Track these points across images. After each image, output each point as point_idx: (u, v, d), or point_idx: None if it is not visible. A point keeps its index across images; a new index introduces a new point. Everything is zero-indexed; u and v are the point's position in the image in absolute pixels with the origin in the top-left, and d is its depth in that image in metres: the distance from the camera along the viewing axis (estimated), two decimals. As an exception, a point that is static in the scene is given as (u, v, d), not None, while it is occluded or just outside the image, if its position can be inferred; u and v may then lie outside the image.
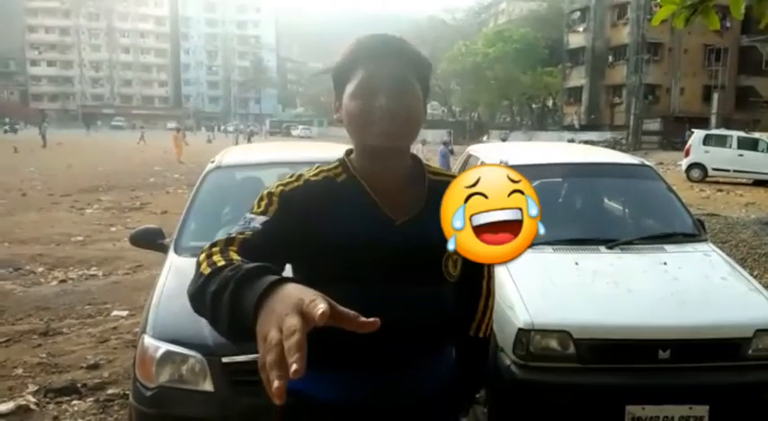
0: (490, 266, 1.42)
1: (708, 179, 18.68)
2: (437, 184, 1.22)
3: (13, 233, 8.75)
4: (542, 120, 54.22)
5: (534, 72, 45.45)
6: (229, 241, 1.07)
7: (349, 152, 1.25)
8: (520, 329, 2.89)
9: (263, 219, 1.12)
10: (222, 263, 0.99)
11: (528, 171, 4.82)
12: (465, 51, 45.32)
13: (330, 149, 5.59)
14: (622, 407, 2.74)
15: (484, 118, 54.51)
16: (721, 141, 19.55)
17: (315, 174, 1.21)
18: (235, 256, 1.02)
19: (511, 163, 4.34)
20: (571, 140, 27.65)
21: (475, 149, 5.80)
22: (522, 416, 2.95)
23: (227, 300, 0.90)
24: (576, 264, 3.40)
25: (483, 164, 4.86)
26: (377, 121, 1.12)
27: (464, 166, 5.61)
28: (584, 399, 2.79)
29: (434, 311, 1.22)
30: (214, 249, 1.05)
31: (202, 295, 0.97)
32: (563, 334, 2.86)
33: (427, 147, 19.32)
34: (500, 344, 3.08)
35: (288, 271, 1.15)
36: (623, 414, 2.73)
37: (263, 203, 1.16)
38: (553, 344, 2.88)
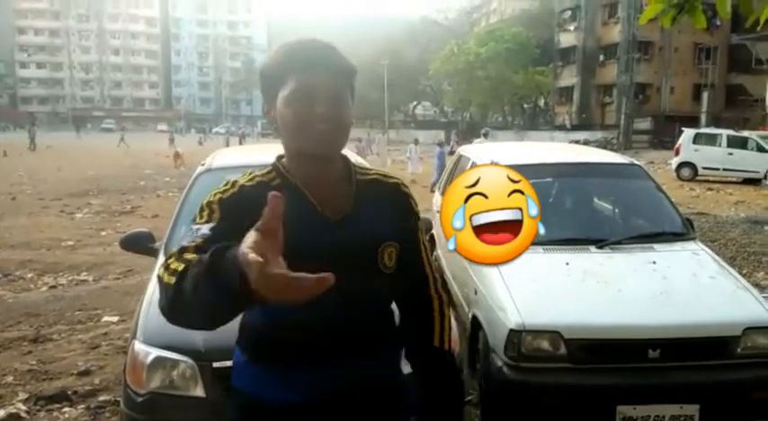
0: (432, 267, 1.40)
1: (698, 178, 18.80)
2: (364, 182, 1.31)
3: (3, 238, 8.69)
4: (534, 120, 54.37)
5: (526, 72, 45.54)
6: (182, 250, 1.11)
7: (280, 157, 1.30)
8: (511, 330, 2.90)
9: (208, 225, 1.16)
10: (182, 266, 1.04)
11: (519, 171, 4.84)
12: (457, 51, 45.35)
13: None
14: (613, 408, 2.76)
15: (476, 118, 54.55)
16: (711, 140, 19.66)
17: (249, 180, 1.25)
18: (191, 256, 1.06)
19: (501, 163, 4.35)
20: (579, 141, 27.66)
21: (466, 150, 5.82)
22: (514, 417, 2.96)
23: (206, 283, 0.95)
24: (567, 264, 3.42)
25: (475, 165, 4.88)
26: (314, 128, 1.17)
27: (455, 168, 5.62)
28: (576, 400, 2.80)
29: (374, 302, 1.28)
30: (170, 260, 1.09)
31: (178, 299, 1.01)
32: (554, 334, 2.87)
33: (420, 148, 19.37)
34: (491, 346, 3.09)
35: None
36: (614, 414, 2.75)
37: (204, 213, 1.20)
38: (544, 344, 2.89)
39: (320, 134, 1.17)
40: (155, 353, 2.48)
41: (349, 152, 1.39)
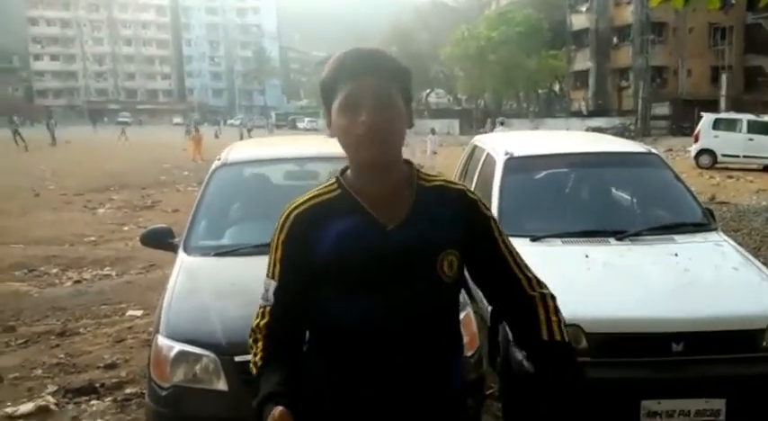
0: (521, 268, 1.33)
1: (717, 165, 18.32)
2: (427, 188, 1.30)
3: (28, 234, 8.83)
4: (549, 107, 53.77)
5: (539, 56, 44.93)
6: (261, 319, 1.29)
7: (345, 169, 1.32)
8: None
9: (273, 286, 1.27)
10: (260, 364, 1.25)
11: (534, 162, 4.81)
12: (468, 35, 44.82)
13: (335, 143, 5.55)
14: (637, 402, 2.73)
15: (490, 105, 54.08)
16: (731, 125, 19.13)
17: (309, 199, 1.29)
18: (260, 357, 1.26)
19: (516, 154, 4.33)
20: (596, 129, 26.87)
21: (480, 140, 5.78)
22: (535, 411, 2.96)
23: None
24: (586, 256, 3.40)
25: (488, 155, 4.79)
26: (360, 137, 1.18)
27: (470, 158, 5.59)
28: (598, 394, 2.79)
29: (431, 310, 1.26)
30: (251, 342, 1.29)
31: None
32: (574, 328, 2.85)
33: (439, 137, 19.14)
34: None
35: None
36: (638, 409, 2.73)
37: (270, 259, 1.29)
38: (565, 338, 2.88)
39: (365, 142, 1.18)
40: (178, 347, 2.53)
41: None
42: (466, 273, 1.34)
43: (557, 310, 1.32)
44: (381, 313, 1.22)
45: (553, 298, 1.34)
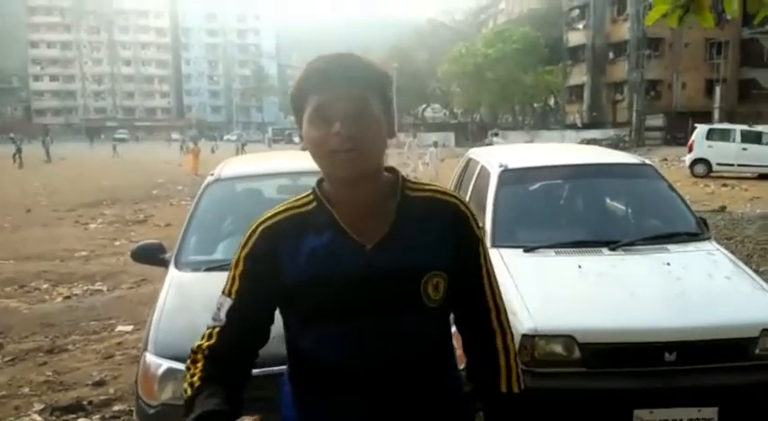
0: (495, 297, 1.23)
1: (712, 174, 18.57)
2: (413, 200, 1.16)
3: (18, 250, 8.79)
4: (545, 120, 54.12)
5: (535, 71, 45.39)
6: (206, 340, 1.16)
7: (321, 180, 1.20)
8: (524, 335, 2.86)
9: (228, 304, 1.15)
10: (196, 384, 1.12)
11: (528, 174, 4.82)
12: (465, 52, 45.32)
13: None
14: (630, 412, 2.71)
15: (486, 119, 54.44)
16: (725, 135, 19.45)
17: (287, 208, 1.19)
18: (198, 377, 1.12)
19: (510, 166, 4.33)
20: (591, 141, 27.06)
21: (475, 153, 5.78)
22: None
23: None
24: (579, 266, 3.38)
25: (482, 168, 4.83)
26: (332, 151, 1.07)
27: (464, 171, 5.59)
28: (591, 404, 2.76)
29: (415, 339, 1.14)
30: (189, 363, 1.16)
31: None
32: (567, 338, 2.84)
33: (441, 150, 19.07)
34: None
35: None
36: (631, 418, 2.71)
37: (227, 280, 1.18)
38: (558, 349, 2.86)
39: (339, 156, 1.06)
40: (166, 364, 2.49)
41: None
42: None
43: (515, 356, 1.24)
44: (358, 344, 1.11)
45: (512, 338, 1.25)
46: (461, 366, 2.62)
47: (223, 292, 1.17)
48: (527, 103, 52.09)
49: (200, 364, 1.13)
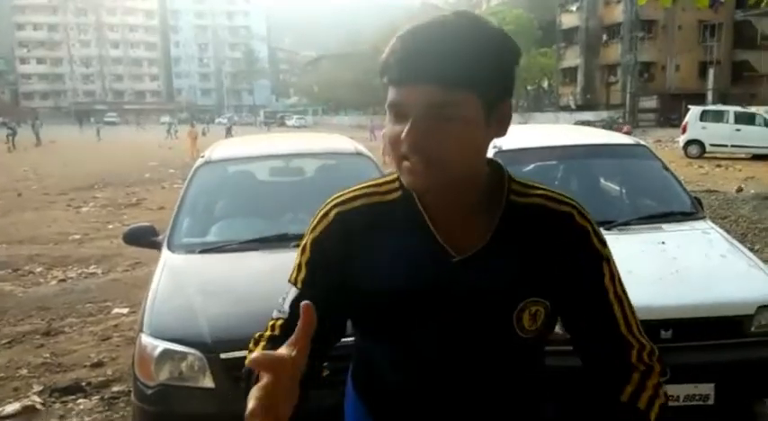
0: (631, 329, 0.99)
1: (706, 155, 18.67)
2: (518, 207, 0.95)
3: (10, 233, 8.73)
4: (538, 102, 54.05)
5: (528, 54, 45.22)
6: (260, 336, 1.01)
7: None
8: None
9: (293, 294, 0.99)
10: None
11: (522, 155, 4.80)
12: (458, 35, 45.06)
13: (322, 139, 5.53)
14: (625, 389, 2.73)
15: (479, 101, 54.30)
16: (718, 117, 19.53)
17: (369, 192, 0.99)
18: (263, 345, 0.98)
19: (504, 147, 4.32)
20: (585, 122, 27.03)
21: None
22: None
23: None
24: (574, 246, 3.38)
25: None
26: (401, 158, 0.88)
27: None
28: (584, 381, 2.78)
29: (501, 374, 0.97)
30: (251, 344, 1.00)
31: None
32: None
33: None
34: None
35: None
36: (626, 395, 2.73)
37: (294, 267, 1.01)
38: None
39: (405, 168, 0.87)
40: (162, 345, 2.49)
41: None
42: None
43: (658, 385, 0.97)
44: (427, 370, 0.95)
45: (663, 374, 1.00)
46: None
47: (289, 280, 1.01)
48: (521, 86, 51.92)
49: (261, 343, 0.98)
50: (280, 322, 0.99)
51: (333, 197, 1.00)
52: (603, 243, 0.98)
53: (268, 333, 0.99)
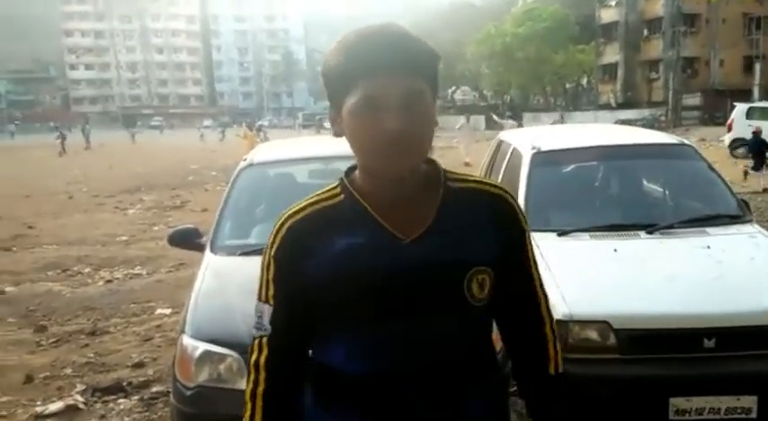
0: (542, 287, 1.17)
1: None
2: (455, 191, 1.07)
3: (60, 235, 9.08)
4: (576, 100, 53.02)
5: (566, 50, 44.39)
6: (258, 354, 1.10)
7: (352, 168, 1.10)
8: (557, 321, 2.81)
9: (268, 311, 1.08)
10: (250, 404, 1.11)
11: (562, 156, 4.74)
12: (493, 32, 44.53)
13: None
14: (666, 400, 2.65)
15: (517, 100, 53.61)
16: (766, 114, 18.73)
17: (315, 201, 1.08)
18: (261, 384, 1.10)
19: (543, 148, 4.25)
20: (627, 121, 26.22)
21: (506, 135, 5.70)
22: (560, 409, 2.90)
23: None
24: (615, 250, 3.32)
25: (515, 150, 4.75)
26: (383, 147, 0.96)
27: (495, 154, 5.52)
28: (626, 392, 2.72)
29: (458, 345, 1.05)
30: (252, 374, 1.12)
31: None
32: (602, 324, 2.79)
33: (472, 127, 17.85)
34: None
35: None
36: (667, 406, 2.65)
37: (261, 285, 1.09)
38: (592, 335, 2.82)
39: (388, 154, 0.96)
40: (202, 347, 2.54)
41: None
42: None
43: (557, 338, 1.19)
44: (394, 350, 1.02)
45: (554, 322, 1.19)
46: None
47: (260, 299, 1.09)
48: (558, 84, 51.07)
49: (262, 375, 1.09)
50: (265, 339, 1.08)
51: (283, 213, 1.09)
52: (525, 218, 1.13)
53: (262, 356, 1.08)
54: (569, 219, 3.77)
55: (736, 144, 18.38)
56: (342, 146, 1.09)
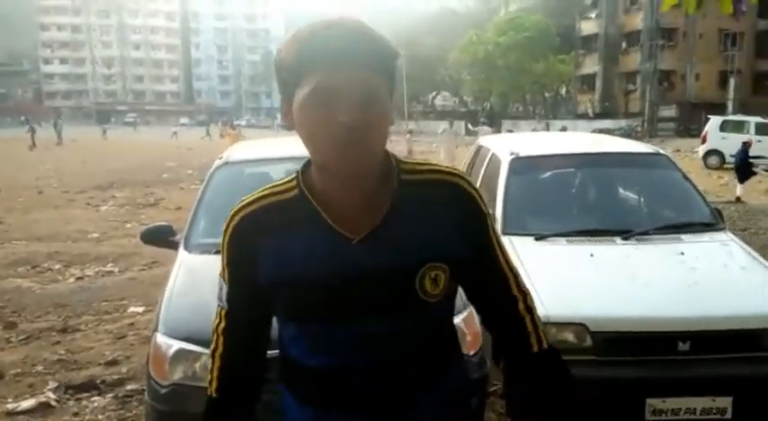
0: (510, 265, 1.14)
1: (726, 166, 18.36)
2: (409, 183, 1.03)
3: (31, 230, 8.86)
4: (555, 109, 53.74)
5: (546, 60, 44.96)
6: (220, 321, 1.14)
7: (307, 163, 1.06)
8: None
9: (225, 290, 1.11)
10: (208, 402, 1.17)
11: (540, 162, 4.80)
12: (476, 40, 44.93)
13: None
14: (642, 401, 2.70)
15: (496, 107, 54.10)
16: (739, 127, 19.24)
17: (267, 193, 1.06)
18: (214, 387, 1.15)
19: (522, 154, 4.30)
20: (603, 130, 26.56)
21: (485, 140, 5.76)
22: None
23: None
24: (591, 255, 3.36)
25: (493, 155, 4.79)
26: (336, 141, 0.91)
27: (474, 159, 5.57)
28: (603, 393, 2.75)
29: (414, 342, 1.03)
30: (211, 350, 1.16)
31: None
32: (579, 327, 2.82)
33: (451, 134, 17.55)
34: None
35: None
36: (644, 407, 2.69)
37: (222, 265, 1.11)
38: (569, 337, 2.84)
39: (342, 149, 0.91)
40: (176, 345, 2.50)
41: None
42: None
43: (537, 314, 1.16)
44: (349, 348, 1.01)
45: (531, 298, 1.16)
46: (472, 353, 2.66)
47: (221, 274, 1.11)
48: (538, 92, 51.70)
49: (216, 365, 1.14)
50: (224, 312, 1.11)
51: (237, 203, 1.08)
52: (485, 204, 1.10)
53: (221, 325, 1.12)
54: (547, 223, 3.80)
55: (709, 155, 18.88)
56: None
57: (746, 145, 12.92)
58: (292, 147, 4.91)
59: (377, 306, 0.99)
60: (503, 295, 1.13)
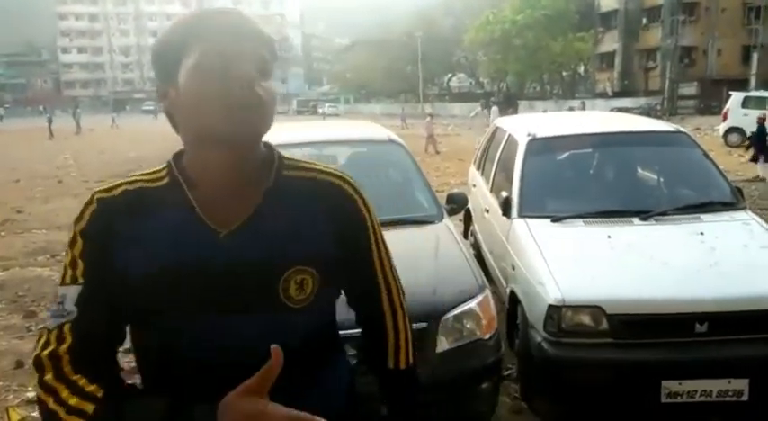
0: (387, 277, 1.10)
1: (747, 143, 17.97)
2: (287, 181, 0.99)
3: (50, 220, 9.00)
4: (573, 88, 52.90)
5: (565, 38, 44.13)
6: (56, 344, 0.90)
7: (178, 154, 1.01)
8: (550, 305, 2.83)
9: (74, 292, 0.92)
10: (89, 407, 0.86)
11: (557, 143, 4.73)
12: (492, 19, 44.25)
13: (355, 127, 5.56)
14: (658, 383, 2.67)
15: (513, 88, 53.41)
16: (761, 103, 18.71)
17: (134, 180, 1.00)
18: (88, 389, 0.88)
19: (539, 135, 4.23)
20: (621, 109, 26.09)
21: (502, 122, 5.67)
22: (553, 392, 2.91)
23: None
24: (609, 237, 3.31)
25: (510, 137, 4.72)
26: (233, 98, 0.88)
27: (490, 141, 5.50)
28: (619, 375, 2.73)
29: (285, 342, 0.87)
30: (49, 380, 0.88)
31: None
32: (595, 309, 2.79)
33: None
34: (530, 321, 3.03)
35: None
36: (659, 389, 2.67)
37: (66, 265, 0.95)
38: (585, 319, 2.82)
39: (242, 111, 0.89)
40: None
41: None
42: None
43: (406, 334, 1.13)
44: (217, 344, 0.92)
45: (404, 316, 1.13)
46: (487, 336, 2.64)
47: (62, 283, 0.94)
48: (555, 72, 50.88)
49: (73, 377, 0.88)
50: (68, 326, 0.91)
51: (97, 188, 1.00)
52: (371, 212, 1.05)
53: (61, 346, 0.89)
54: (564, 205, 3.76)
55: (730, 132, 18.46)
56: (336, 131, 1.03)
57: (763, 120, 12.59)
58: (309, 132, 4.93)
59: (240, 304, 0.92)
60: (370, 307, 1.11)
